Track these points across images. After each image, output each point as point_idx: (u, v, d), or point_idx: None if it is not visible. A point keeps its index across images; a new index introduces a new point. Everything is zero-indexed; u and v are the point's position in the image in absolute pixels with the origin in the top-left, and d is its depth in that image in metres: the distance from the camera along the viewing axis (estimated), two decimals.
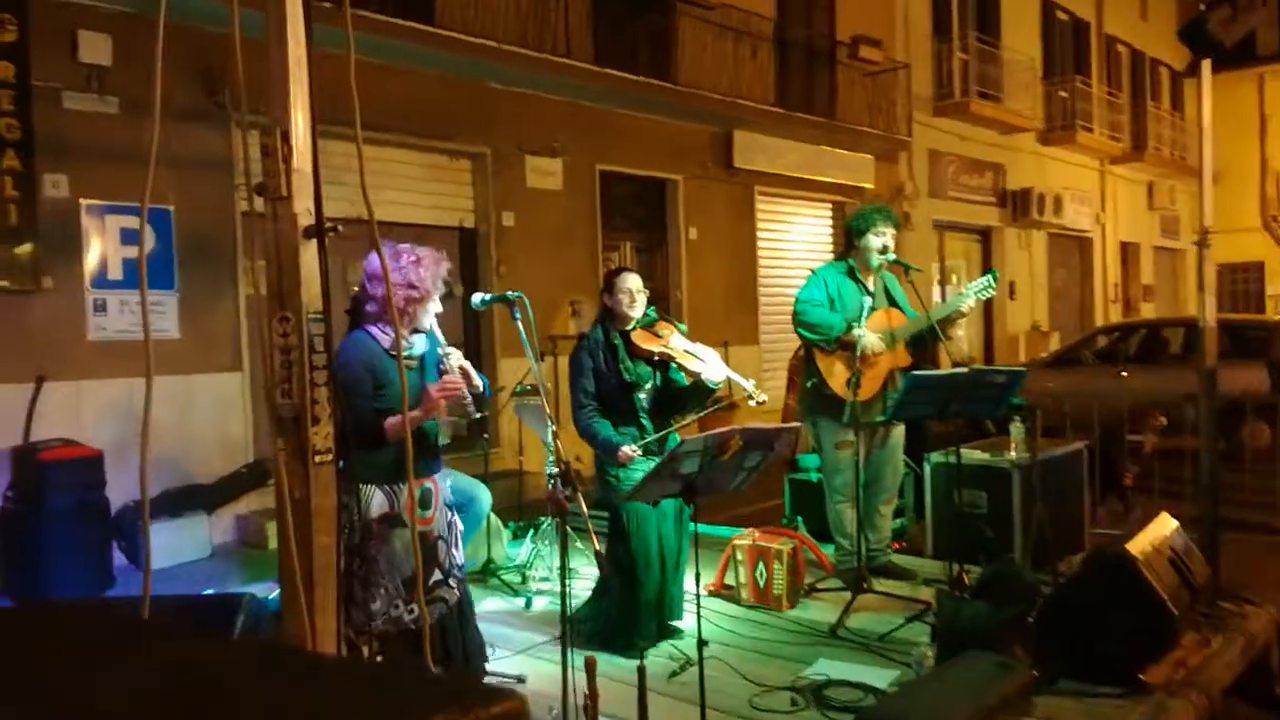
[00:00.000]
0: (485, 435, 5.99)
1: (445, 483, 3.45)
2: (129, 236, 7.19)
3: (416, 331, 3.38)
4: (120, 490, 6.72)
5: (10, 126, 6.46)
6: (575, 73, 9.70)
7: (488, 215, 9.60)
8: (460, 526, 3.51)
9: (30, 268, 6.61)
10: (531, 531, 5.67)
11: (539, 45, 9.39)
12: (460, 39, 8.69)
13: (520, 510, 6.62)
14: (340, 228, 1.75)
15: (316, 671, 0.77)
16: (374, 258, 3.30)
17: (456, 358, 3.34)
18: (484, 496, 5.11)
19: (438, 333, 3.41)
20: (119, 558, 6.71)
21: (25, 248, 6.57)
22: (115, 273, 7.13)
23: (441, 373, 3.33)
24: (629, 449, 3.96)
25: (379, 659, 1.82)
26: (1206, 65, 4.76)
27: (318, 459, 1.58)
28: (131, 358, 7.15)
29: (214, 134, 7.55)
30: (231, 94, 7.47)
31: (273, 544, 7.37)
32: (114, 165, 7.07)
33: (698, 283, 11.70)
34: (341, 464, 3.58)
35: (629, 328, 4.22)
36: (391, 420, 3.20)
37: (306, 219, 1.62)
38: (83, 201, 6.96)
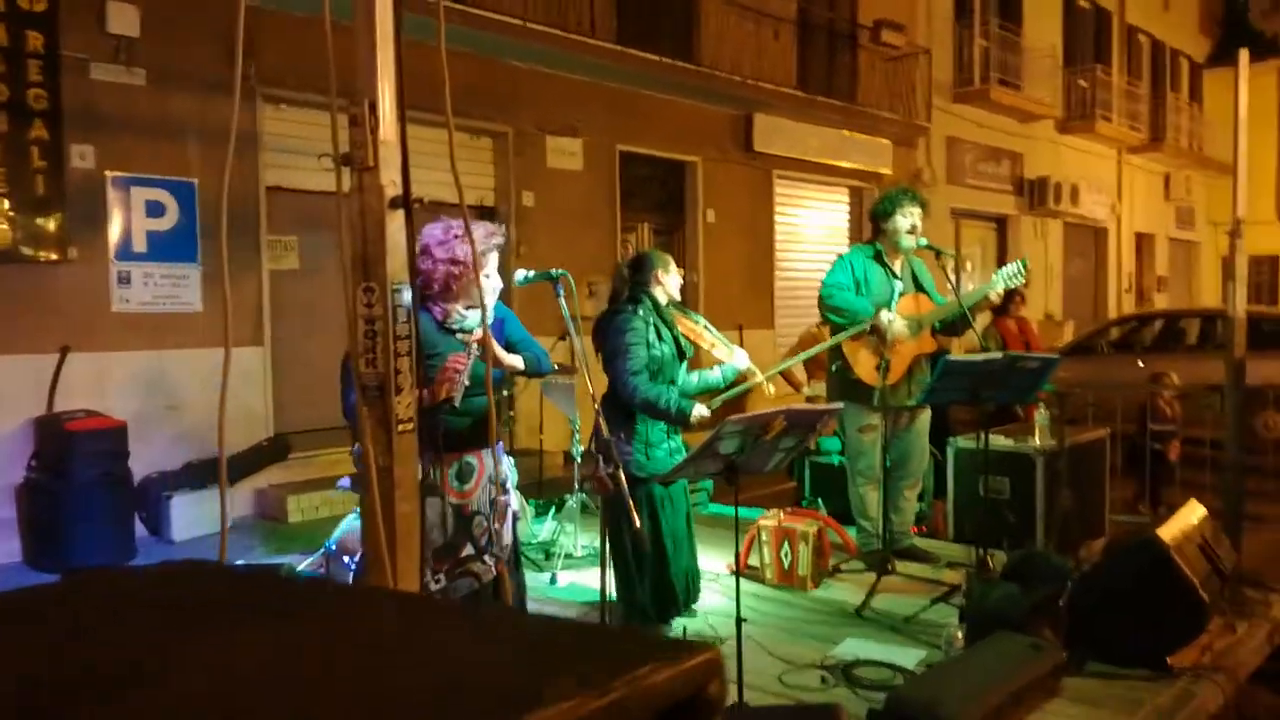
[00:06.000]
0: (511, 413, 6.01)
1: (495, 460, 3.47)
2: (154, 209, 7.21)
3: (472, 307, 3.39)
4: (143, 461, 6.77)
5: (38, 97, 6.47)
6: (597, 52, 9.67)
7: (508, 194, 9.60)
8: (515, 506, 3.53)
9: (57, 238, 6.63)
10: (553, 509, 5.70)
11: (562, 24, 9.37)
12: (484, 15, 8.67)
13: (540, 488, 6.65)
14: (425, 200, 1.76)
15: (494, 628, 0.79)
16: (422, 235, 3.34)
17: (482, 333, 3.30)
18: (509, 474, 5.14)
19: (490, 308, 3.39)
20: (140, 529, 6.77)
21: (52, 218, 6.59)
22: (140, 245, 7.15)
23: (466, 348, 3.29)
24: (699, 408, 3.91)
25: None
26: (1244, 55, 4.74)
27: (400, 428, 1.60)
28: (155, 330, 7.19)
29: (240, 108, 7.55)
30: (258, 67, 7.51)
31: (293, 517, 7.41)
32: (140, 137, 7.10)
33: (714, 266, 11.70)
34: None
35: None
36: None
37: (392, 190, 1.63)
38: (109, 173, 6.97)
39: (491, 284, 3.40)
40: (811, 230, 13.52)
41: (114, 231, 7.02)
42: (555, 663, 0.71)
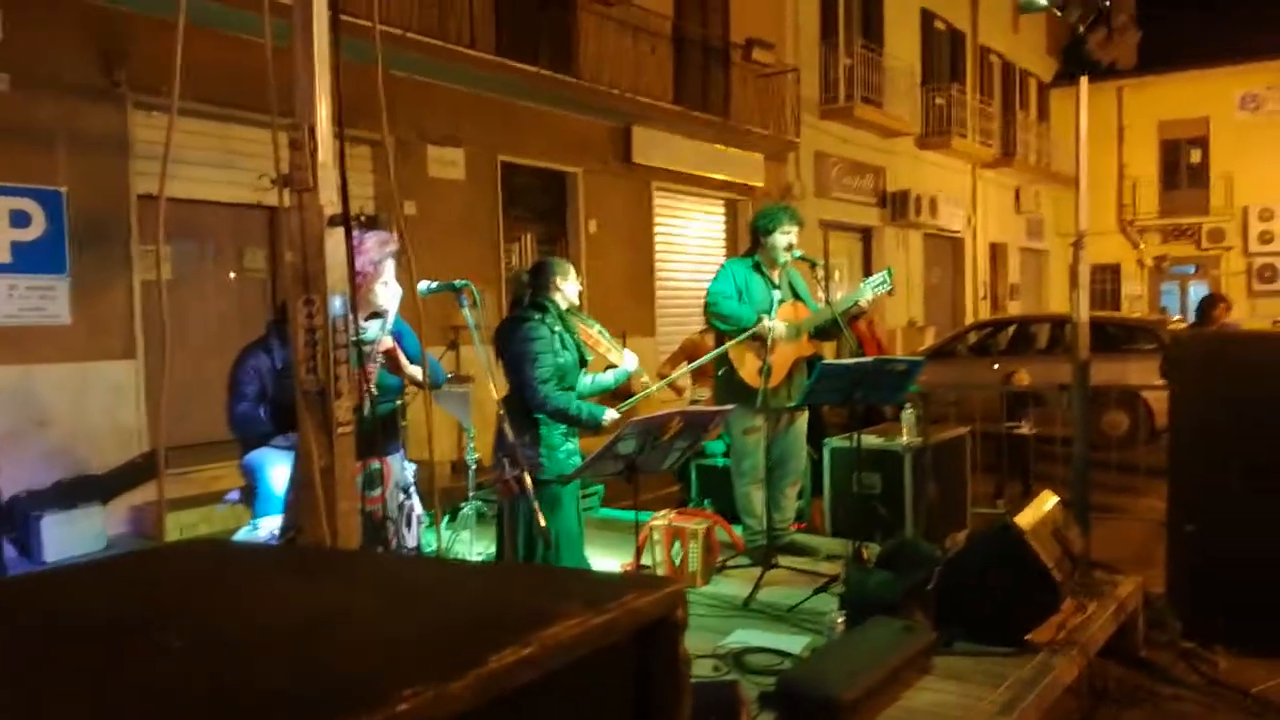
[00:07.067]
0: (403, 423, 6.03)
1: (400, 465, 3.55)
2: (19, 219, 6.96)
3: (374, 316, 3.45)
4: (11, 481, 6.51)
5: None
6: (477, 63, 9.75)
7: (389, 204, 9.57)
8: (419, 510, 3.60)
9: None
10: (447, 518, 5.76)
11: (442, 35, 9.41)
12: (362, 24, 8.63)
13: (431, 498, 6.68)
14: (364, 216, 1.87)
15: (506, 572, 0.93)
16: None
17: (381, 344, 3.39)
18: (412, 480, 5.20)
19: (391, 316, 3.48)
20: (9, 550, 6.52)
21: None
22: (3, 255, 6.89)
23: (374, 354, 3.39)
24: (611, 414, 4.00)
25: None
26: (1084, 82, 5.20)
27: (339, 430, 1.70)
28: (22, 343, 6.94)
29: (110, 114, 7.36)
30: (129, 75, 7.31)
31: (171, 535, 7.22)
32: (4, 144, 6.84)
33: (597, 275, 11.86)
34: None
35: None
36: None
37: (331, 209, 1.73)
38: None
39: (390, 291, 3.47)
40: (689, 240, 13.86)
41: None
42: (563, 592, 0.87)
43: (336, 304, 1.74)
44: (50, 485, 6.87)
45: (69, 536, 6.71)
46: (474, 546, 5.38)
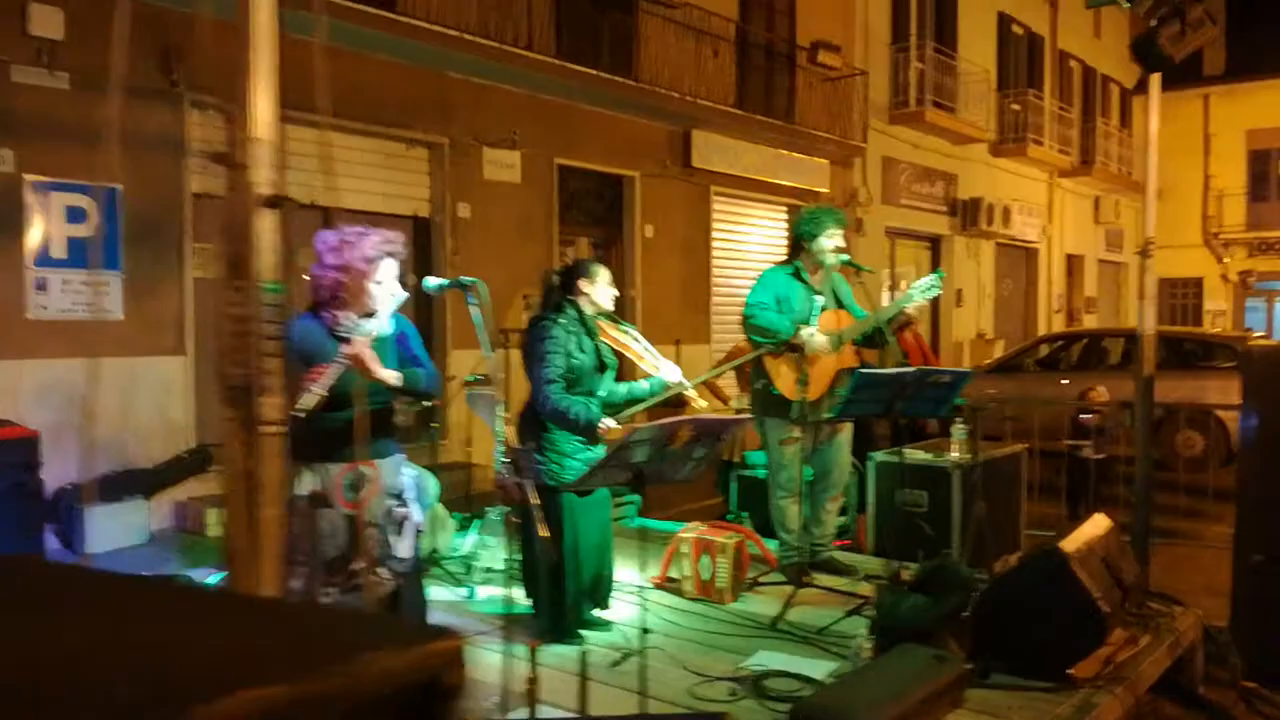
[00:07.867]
0: (434, 425, 5.96)
1: (393, 471, 3.43)
2: (74, 214, 7.06)
3: (370, 315, 3.35)
4: (57, 473, 6.59)
5: None
6: (536, 65, 9.69)
7: (443, 205, 9.56)
8: (416, 519, 3.48)
9: None
10: (477, 523, 5.66)
11: (500, 36, 9.37)
12: (422, 26, 8.64)
13: (468, 502, 6.61)
14: (293, 200, 1.75)
15: (253, 613, 0.79)
16: (315, 243, 3.31)
17: (358, 346, 3.18)
18: (430, 487, 5.11)
19: (385, 317, 3.36)
20: (52, 541, 6.60)
21: None
22: (59, 251, 7.00)
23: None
24: (607, 422, 3.87)
25: None
26: (1155, 79, 4.89)
27: (265, 429, 1.58)
28: (73, 338, 7.03)
29: (168, 113, 7.44)
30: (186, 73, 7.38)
31: (213, 530, 7.27)
32: (62, 142, 6.94)
33: (652, 281, 11.75)
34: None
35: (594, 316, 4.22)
36: None
37: (265, 189, 1.61)
38: (27, 177, 6.82)
39: (384, 291, 3.36)
40: (749, 247, 13.63)
41: (32, 237, 6.86)
42: (285, 643, 0.71)
43: (267, 292, 1.61)
44: (96, 479, 6.93)
45: (112, 529, 6.78)
46: (500, 553, 5.26)
